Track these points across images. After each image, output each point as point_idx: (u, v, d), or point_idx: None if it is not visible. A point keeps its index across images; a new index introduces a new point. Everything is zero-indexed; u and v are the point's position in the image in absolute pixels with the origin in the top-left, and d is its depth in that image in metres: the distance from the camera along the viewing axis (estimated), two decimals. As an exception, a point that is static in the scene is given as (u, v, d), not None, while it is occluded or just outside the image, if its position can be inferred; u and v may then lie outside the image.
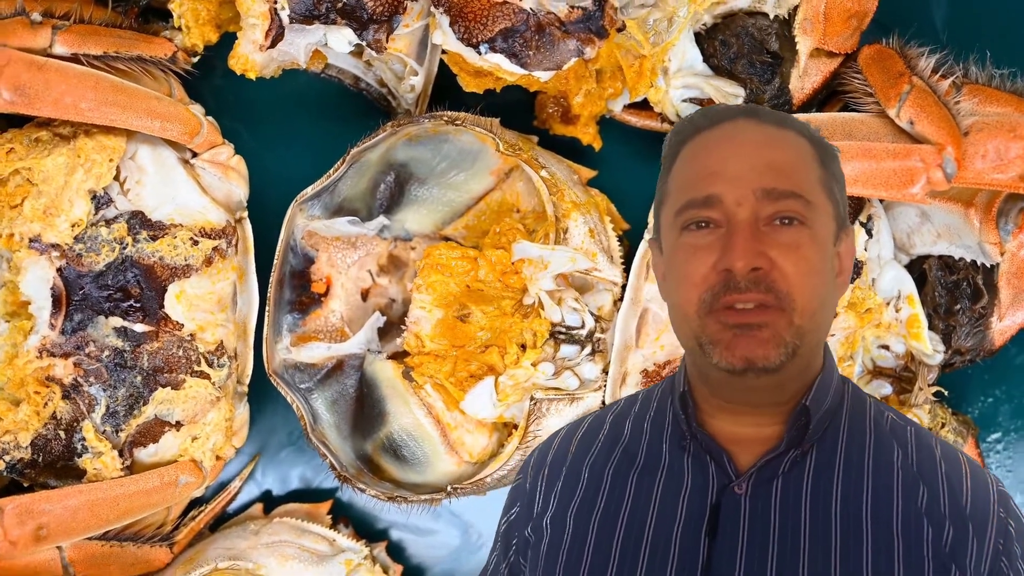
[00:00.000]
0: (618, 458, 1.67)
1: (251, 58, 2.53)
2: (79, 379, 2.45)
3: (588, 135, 2.72)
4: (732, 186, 1.51)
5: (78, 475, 2.50)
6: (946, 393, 2.63)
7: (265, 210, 2.68)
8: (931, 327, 2.55)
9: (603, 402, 2.59)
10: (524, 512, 1.74)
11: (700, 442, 1.60)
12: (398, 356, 2.72)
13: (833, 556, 1.48)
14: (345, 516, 2.84)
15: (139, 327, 2.47)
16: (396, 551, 2.88)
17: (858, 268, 2.48)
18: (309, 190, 2.58)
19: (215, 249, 2.52)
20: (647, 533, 1.55)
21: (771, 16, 2.53)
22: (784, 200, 1.50)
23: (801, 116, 2.39)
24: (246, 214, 2.62)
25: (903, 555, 1.48)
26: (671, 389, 1.70)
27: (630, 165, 2.72)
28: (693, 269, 1.52)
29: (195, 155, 2.57)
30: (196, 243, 2.50)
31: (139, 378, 2.48)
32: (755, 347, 1.48)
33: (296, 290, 2.72)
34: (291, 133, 2.86)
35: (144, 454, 2.53)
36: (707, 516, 1.54)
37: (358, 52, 2.66)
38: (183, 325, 2.50)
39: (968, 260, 2.52)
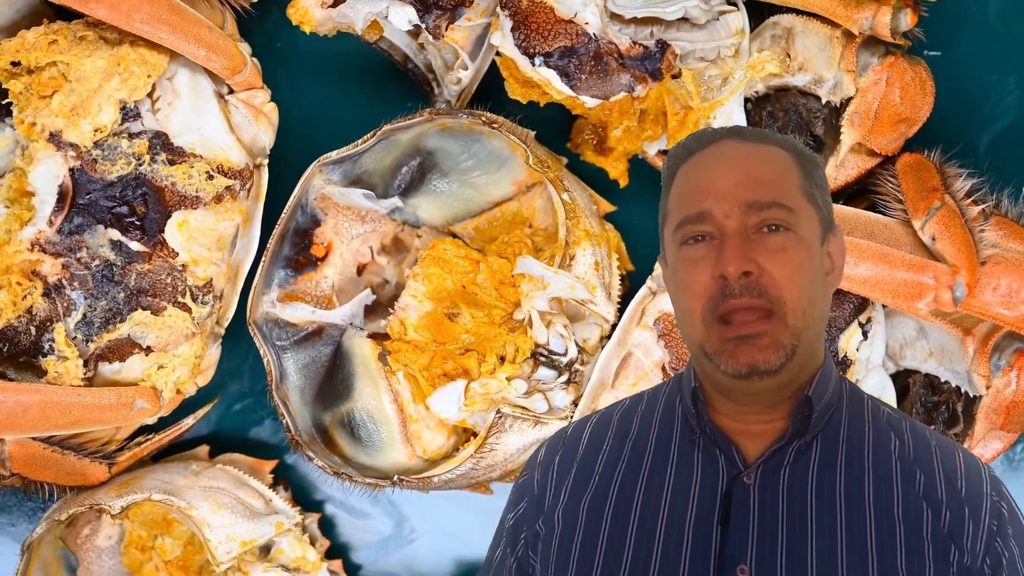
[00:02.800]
0: (628, 454, 1.75)
1: (311, 12, 2.53)
2: (64, 281, 2.44)
3: (617, 170, 2.72)
4: (720, 201, 1.63)
5: (38, 374, 2.49)
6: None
7: (284, 163, 2.68)
8: (901, 441, 2.55)
9: (565, 432, 2.59)
10: (533, 507, 1.80)
11: (709, 435, 1.69)
12: (378, 337, 2.71)
13: (839, 540, 1.58)
14: (286, 479, 2.84)
15: (135, 245, 2.46)
16: (327, 526, 2.88)
17: (846, 366, 2.49)
18: (334, 154, 2.58)
19: (228, 188, 2.52)
20: (660, 524, 1.64)
21: (823, 101, 2.54)
22: (768, 210, 1.62)
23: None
24: (266, 162, 2.62)
25: (905, 538, 1.58)
26: (679, 387, 1.79)
27: (650, 210, 2.68)
28: (693, 280, 1.62)
29: (231, 92, 2.57)
30: (211, 178, 2.50)
31: (122, 295, 2.47)
32: (756, 353, 1.58)
33: (296, 248, 2.72)
34: (328, 94, 2.86)
35: (108, 370, 2.52)
36: (719, 505, 1.62)
37: (415, 33, 2.66)
38: (178, 254, 2.49)
39: (953, 385, 2.53)
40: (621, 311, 2.60)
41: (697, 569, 1.58)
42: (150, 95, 2.49)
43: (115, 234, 2.46)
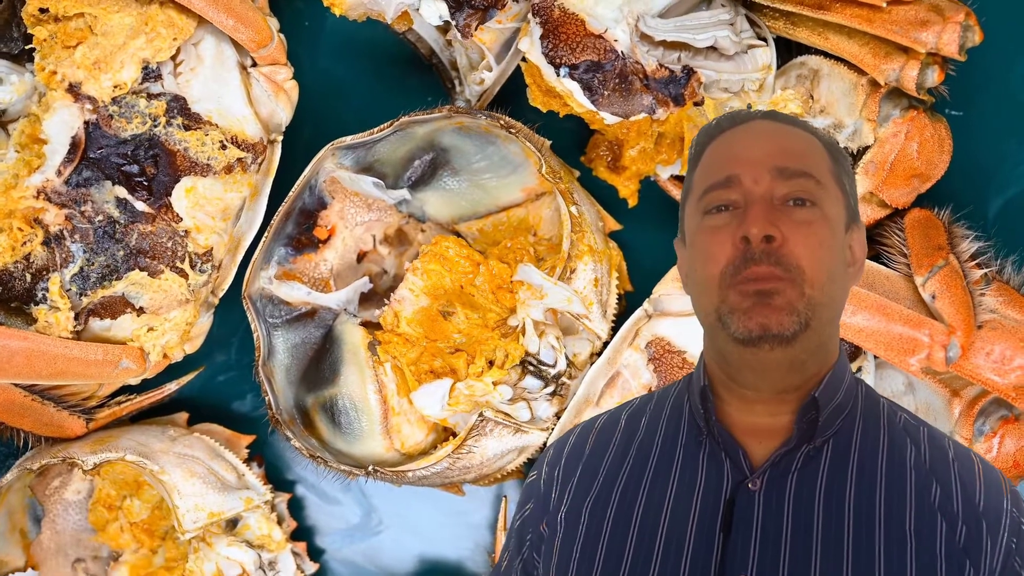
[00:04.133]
0: (633, 456, 1.72)
1: (344, -5, 2.54)
2: (65, 232, 2.44)
3: (627, 189, 2.73)
4: (749, 167, 1.62)
5: (27, 321, 2.48)
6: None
7: (297, 142, 2.68)
8: (876, 492, 2.56)
9: (544, 443, 2.59)
10: (538, 507, 1.79)
11: (716, 438, 1.65)
12: (370, 326, 2.72)
13: (845, 552, 1.52)
14: (260, 456, 2.83)
15: (140, 205, 2.46)
16: (296, 507, 2.88)
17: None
18: (348, 139, 2.58)
19: (239, 160, 2.52)
20: (661, 529, 1.60)
21: (840, 146, 2.54)
22: (796, 179, 1.60)
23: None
24: (281, 138, 2.61)
25: (916, 553, 1.52)
26: (688, 388, 1.75)
27: (655, 233, 2.71)
28: (716, 248, 1.60)
29: (255, 65, 2.57)
30: (224, 148, 2.49)
31: (121, 253, 2.47)
32: (770, 313, 1.54)
33: (299, 227, 2.72)
34: (350, 79, 2.86)
35: (98, 325, 2.52)
36: (721, 512, 1.58)
37: (444, 28, 2.66)
38: (182, 219, 2.49)
39: (934, 443, 2.53)
40: (614, 330, 2.60)
41: None
42: (173, 58, 2.49)
43: (122, 192, 2.45)
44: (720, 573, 1.54)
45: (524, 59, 2.55)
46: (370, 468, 2.57)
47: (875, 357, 2.54)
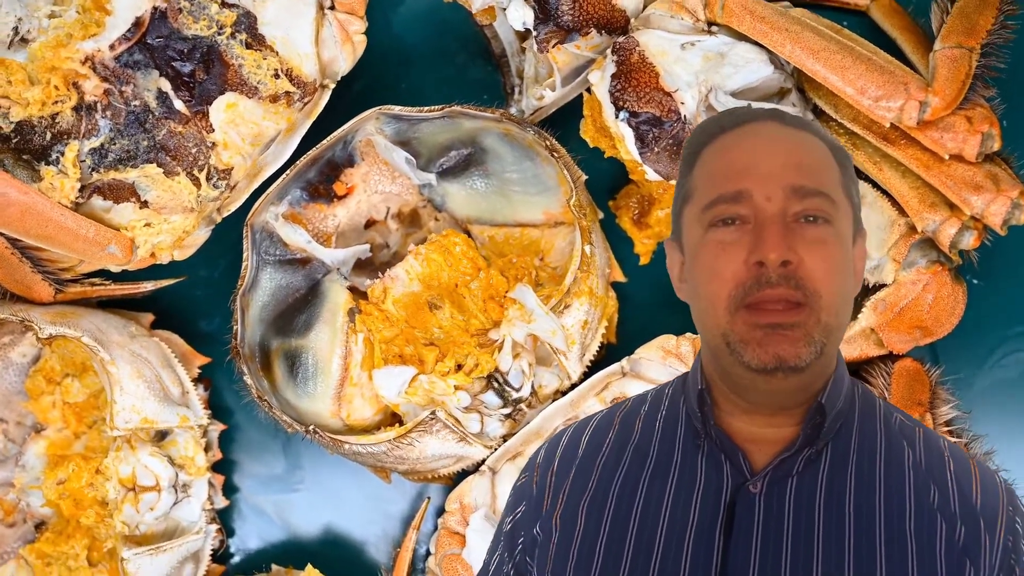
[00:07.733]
0: (629, 458, 1.66)
1: (438, -29, 2.55)
2: (99, 105, 2.43)
3: (644, 247, 2.73)
4: (762, 182, 1.52)
5: (33, 177, 2.46)
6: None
7: (344, 95, 2.67)
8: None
9: (483, 460, 2.59)
10: (531, 511, 1.72)
11: (715, 441, 1.60)
12: (356, 293, 2.71)
13: (847, 554, 1.50)
14: (209, 379, 2.82)
15: (179, 104, 2.45)
16: (226, 439, 2.87)
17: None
18: (397, 108, 2.57)
19: (287, 93, 2.51)
20: (660, 533, 1.56)
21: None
22: (811, 198, 1.52)
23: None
24: (333, 86, 2.60)
25: (916, 553, 1.50)
26: (684, 388, 1.70)
27: (656, 296, 2.72)
28: (723, 265, 1.52)
29: (332, 8, 2.56)
30: (277, 77, 2.49)
31: (145, 143, 2.46)
32: (787, 345, 1.48)
33: (321, 176, 2.71)
34: (416, 52, 2.87)
35: (98, 204, 2.50)
36: (722, 515, 1.54)
37: (522, 35, 2.67)
38: (214, 131, 2.48)
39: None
40: (587, 375, 2.60)
41: None
42: (257, -26, 2.49)
43: (166, 85, 2.45)
44: (721, 575, 1.51)
45: (588, 90, 2.56)
46: (311, 427, 2.57)
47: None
